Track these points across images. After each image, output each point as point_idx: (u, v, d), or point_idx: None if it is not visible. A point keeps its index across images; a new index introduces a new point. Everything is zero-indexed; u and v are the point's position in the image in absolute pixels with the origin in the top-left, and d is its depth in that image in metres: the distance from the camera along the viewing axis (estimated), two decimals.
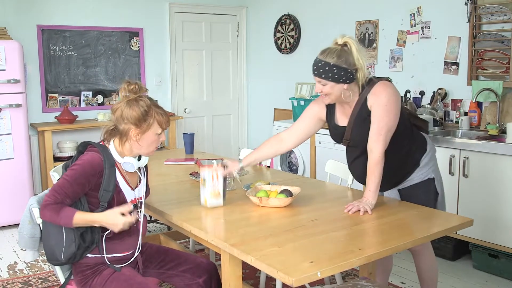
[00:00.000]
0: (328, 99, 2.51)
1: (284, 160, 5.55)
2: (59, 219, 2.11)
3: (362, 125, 2.49)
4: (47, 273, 3.74)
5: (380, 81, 2.49)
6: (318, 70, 2.43)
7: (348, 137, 2.58)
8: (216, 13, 6.64)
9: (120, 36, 5.94)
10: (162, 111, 2.28)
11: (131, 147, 2.27)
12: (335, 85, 2.43)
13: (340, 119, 2.62)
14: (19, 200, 4.69)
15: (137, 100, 2.22)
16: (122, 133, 2.25)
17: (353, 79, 2.44)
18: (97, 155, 2.19)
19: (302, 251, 1.92)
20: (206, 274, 2.39)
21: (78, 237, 2.17)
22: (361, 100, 2.49)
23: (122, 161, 2.26)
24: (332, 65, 2.39)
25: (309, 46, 5.91)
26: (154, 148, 2.31)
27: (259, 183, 2.83)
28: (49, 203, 2.11)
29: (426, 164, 2.64)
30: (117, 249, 2.27)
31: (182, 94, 6.52)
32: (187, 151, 4.02)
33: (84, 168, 2.15)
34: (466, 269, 3.74)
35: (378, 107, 2.42)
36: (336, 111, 2.64)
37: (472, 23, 4.20)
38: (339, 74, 2.40)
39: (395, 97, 2.46)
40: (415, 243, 2.11)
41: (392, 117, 2.44)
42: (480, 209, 3.62)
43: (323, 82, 2.44)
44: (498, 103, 3.96)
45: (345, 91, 2.46)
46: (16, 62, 4.63)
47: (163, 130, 2.28)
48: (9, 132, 4.67)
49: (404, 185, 2.68)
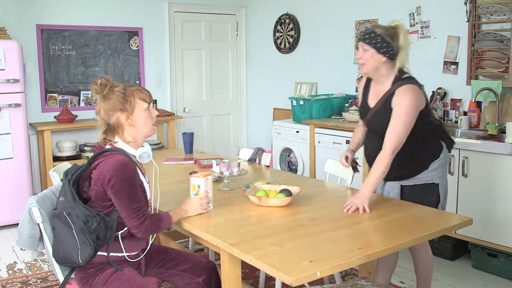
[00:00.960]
0: (365, 68, 2.63)
1: (283, 160, 5.55)
2: (161, 229, 2.24)
3: (382, 115, 2.62)
4: (46, 272, 3.74)
5: (410, 83, 2.58)
6: (364, 36, 2.59)
7: (368, 119, 2.75)
8: (215, 13, 6.64)
9: (120, 36, 5.94)
10: (139, 87, 2.30)
11: (131, 135, 2.27)
12: (375, 53, 2.57)
13: (370, 99, 2.76)
14: (18, 199, 4.69)
15: (110, 90, 2.24)
16: (116, 125, 2.25)
17: (392, 57, 2.58)
18: (121, 156, 2.15)
19: (302, 251, 1.93)
20: (206, 274, 2.40)
21: (93, 240, 2.13)
22: (390, 91, 2.61)
23: (138, 154, 2.27)
24: (378, 34, 2.56)
25: (308, 45, 5.92)
26: (152, 125, 2.31)
27: (258, 182, 2.83)
28: (147, 220, 2.17)
29: (435, 169, 2.70)
30: (126, 248, 2.27)
31: (182, 94, 6.52)
32: (186, 150, 4.02)
33: (126, 171, 2.12)
34: (465, 269, 3.74)
35: (400, 108, 2.53)
36: (370, 90, 2.77)
37: (472, 23, 4.21)
38: (382, 44, 2.55)
39: (417, 102, 2.55)
40: (414, 242, 2.11)
41: (410, 120, 2.53)
42: (479, 208, 3.62)
43: (365, 47, 2.58)
44: (497, 103, 3.96)
45: (381, 65, 2.59)
46: (15, 62, 4.63)
47: (148, 104, 2.29)
48: (9, 131, 4.67)
49: (408, 183, 2.73)
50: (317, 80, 5.84)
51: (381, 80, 2.66)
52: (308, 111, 5.15)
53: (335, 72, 5.60)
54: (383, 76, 2.63)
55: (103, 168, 2.13)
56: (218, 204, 2.56)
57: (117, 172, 2.10)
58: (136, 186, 2.16)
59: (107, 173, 2.11)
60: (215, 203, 2.55)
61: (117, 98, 2.22)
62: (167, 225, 2.26)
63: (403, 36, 2.55)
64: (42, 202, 2.31)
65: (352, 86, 5.42)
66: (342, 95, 5.34)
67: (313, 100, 5.11)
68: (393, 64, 2.60)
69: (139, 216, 2.14)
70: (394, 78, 2.62)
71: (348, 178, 3.04)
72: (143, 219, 2.15)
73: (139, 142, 2.30)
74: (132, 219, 2.14)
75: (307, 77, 5.95)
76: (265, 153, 3.65)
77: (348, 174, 3.05)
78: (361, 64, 2.65)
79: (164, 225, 2.25)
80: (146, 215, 2.17)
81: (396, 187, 2.76)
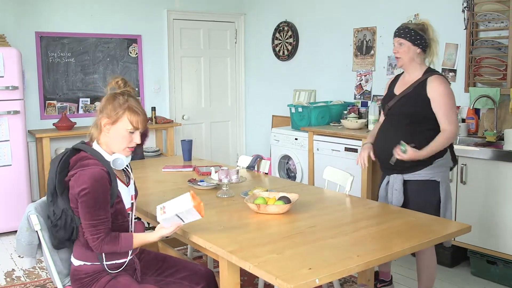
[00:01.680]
0: (401, 61, 2.91)
1: (282, 167, 5.55)
2: (119, 249, 2.17)
3: (413, 97, 2.86)
4: (44, 280, 3.73)
5: (440, 75, 2.90)
6: (399, 31, 2.90)
7: (392, 104, 2.95)
8: (214, 20, 6.66)
9: (119, 43, 5.95)
10: (139, 109, 2.24)
11: (104, 143, 2.24)
12: (411, 46, 2.86)
13: (397, 88, 3.00)
14: (17, 207, 4.68)
15: (116, 94, 2.24)
16: (97, 124, 2.25)
17: (424, 49, 2.89)
18: (97, 169, 2.13)
19: (301, 258, 1.92)
20: (204, 281, 2.39)
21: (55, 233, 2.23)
22: (422, 78, 2.87)
23: (111, 159, 2.22)
24: (411, 29, 2.87)
25: (307, 53, 5.93)
26: (126, 147, 2.24)
27: (257, 189, 2.83)
28: (102, 238, 2.13)
29: (438, 167, 2.86)
30: (115, 255, 2.26)
31: (180, 101, 6.53)
32: (185, 158, 4.02)
33: (97, 188, 2.10)
34: (464, 276, 3.74)
35: (440, 96, 2.81)
36: (398, 81, 3.04)
37: (469, 30, 4.22)
38: (416, 37, 2.85)
39: (451, 90, 2.87)
40: (413, 249, 2.11)
41: (453, 102, 2.83)
42: (478, 215, 3.62)
43: (401, 41, 2.88)
44: (495, 110, 3.97)
45: (416, 56, 2.88)
46: (14, 69, 4.63)
47: (135, 128, 2.22)
48: (7, 139, 4.67)
49: (411, 178, 2.89)
50: (315, 87, 5.85)
51: (412, 72, 2.93)
52: (306, 118, 5.15)
53: (333, 79, 5.62)
54: (416, 67, 2.91)
55: (79, 179, 2.11)
56: (216, 212, 2.56)
57: (88, 186, 2.08)
58: (100, 203, 2.11)
59: (81, 185, 2.09)
60: (214, 211, 2.54)
61: (113, 105, 2.21)
62: (126, 244, 2.17)
63: (431, 30, 2.89)
64: (41, 209, 2.30)
65: (351, 93, 5.43)
66: (341, 103, 5.35)
67: (311, 107, 5.12)
68: (425, 56, 2.91)
69: (95, 231, 2.11)
70: (426, 69, 2.91)
71: (347, 185, 3.04)
72: (98, 235, 2.11)
73: (112, 151, 2.26)
74: (88, 233, 2.13)
75: (306, 84, 5.96)
76: (263, 160, 3.65)
77: (346, 181, 3.06)
78: (397, 58, 2.93)
79: (123, 243, 2.17)
80: (102, 233, 2.12)
81: (399, 179, 2.90)
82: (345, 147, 4.59)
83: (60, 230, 2.20)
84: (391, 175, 2.95)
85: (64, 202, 2.18)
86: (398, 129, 2.89)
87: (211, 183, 3.02)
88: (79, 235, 2.22)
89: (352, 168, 4.51)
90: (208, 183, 3.05)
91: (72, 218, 2.19)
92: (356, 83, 5.35)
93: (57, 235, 2.22)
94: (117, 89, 2.27)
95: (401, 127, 2.89)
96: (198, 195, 2.81)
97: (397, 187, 2.90)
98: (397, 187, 2.89)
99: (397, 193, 2.89)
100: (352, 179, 3.04)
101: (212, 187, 3.04)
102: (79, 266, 2.23)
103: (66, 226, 2.19)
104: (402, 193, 2.89)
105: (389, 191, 2.95)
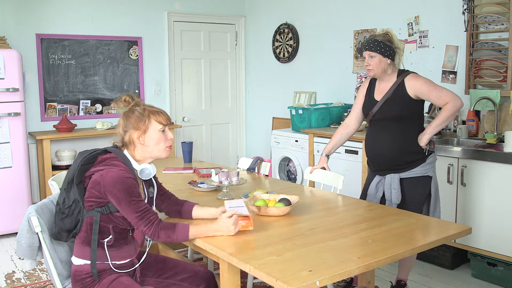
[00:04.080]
0: (373, 72, 3.01)
1: (282, 169, 5.55)
2: (175, 235, 2.17)
3: (395, 100, 2.99)
4: (44, 282, 3.73)
5: (412, 72, 3.03)
6: (369, 45, 2.99)
7: (376, 110, 3.05)
8: (214, 22, 6.66)
9: (119, 45, 5.96)
10: (158, 109, 2.35)
11: (140, 154, 2.32)
12: (382, 58, 2.97)
13: (376, 94, 3.11)
14: (17, 209, 4.68)
15: (131, 109, 2.32)
16: (128, 142, 2.31)
17: (393, 58, 3.00)
18: (126, 172, 2.19)
19: (301, 260, 1.92)
20: (204, 283, 2.39)
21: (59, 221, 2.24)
22: (398, 81, 3.00)
23: (139, 168, 2.30)
24: (380, 41, 2.97)
25: (307, 55, 5.94)
26: (164, 147, 2.34)
27: (257, 192, 2.83)
28: (156, 223, 2.16)
29: (430, 163, 3.04)
30: (115, 256, 2.27)
31: (181, 103, 6.53)
32: (185, 160, 4.03)
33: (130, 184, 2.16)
34: (465, 278, 3.73)
35: (422, 86, 2.94)
36: (375, 87, 3.13)
37: (470, 32, 4.23)
38: (385, 49, 2.96)
39: (426, 78, 3.02)
40: (413, 251, 2.11)
41: (434, 84, 2.96)
42: (478, 217, 3.62)
43: (372, 54, 2.98)
44: (496, 112, 3.97)
45: (388, 66, 3.00)
46: (15, 71, 4.64)
47: (164, 126, 2.33)
48: (8, 140, 4.67)
49: (407, 175, 3.02)
50: (316, 89, 5.85)
51: (386, 79, 3.05)
52: (307, 120, 5.16)
53: (334, 81, 5.62)
54: (389, 74, 3.03)
55: (107, 175, 2.16)
56: None
57: (116, 184, 2.14)
58: (137, 196, 2.17)
59: (108, 186, 2.14)
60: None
61: (135, 118, 2.29)
62: (182, 234, 2.18)
63: (395, 38, 3.01)
64: (41, 211, 2.30)
65: (351, 95, 5.43)
66: (341, 104, 5.36)
67: (312, 109, 5.12)
68: (394, 63, 3.02)
69: (146, 221, 2.15)
70: (398, 72, 3.04)
71: (339, 185, 3.06)
72: (151, 222, 2.16)
73: (146, 162, 2.35)
74: (140, 226, 2.16)
75: (306, 86, 5.97)
76: (264, 162, 3.66)
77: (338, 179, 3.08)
78: (368, 70, 3.03)
79: (179, 233, 2.18)
80: (154, 219, 2.17)
81: (396, 178, 3.02)
82: (346, 149, 4.59)
83: (65, 218, 2.23)
84: (387, 175, 3.06)
85: (78, 193, 2.21)
86: (390, 133, 3.03)
87: (211, 185, 3.03)
88: (81, 230, 2.23)
89: (353, 170, 4.51)
90: (208, 185, 3.05)
91: (80, 210, 2.22)
92: (357, 85, 5.35)
93: (60, 223, 2.24)
94: (127, 105, 2.33)
95: (391, 129, 3.03)
96: (198, 197, 2.83)
97: (395, 186, 3.01)
98: (395, 186, 3.01)
99: (396, 192, 3.01)
100: (343, 178, 3.10)
101: (212, 189, 3.04)
102: (80, 266, 2.24)
103: (72, 216, 2.22)
104: (400, 191, 3.01)
105: (386, 190, 3.06)
